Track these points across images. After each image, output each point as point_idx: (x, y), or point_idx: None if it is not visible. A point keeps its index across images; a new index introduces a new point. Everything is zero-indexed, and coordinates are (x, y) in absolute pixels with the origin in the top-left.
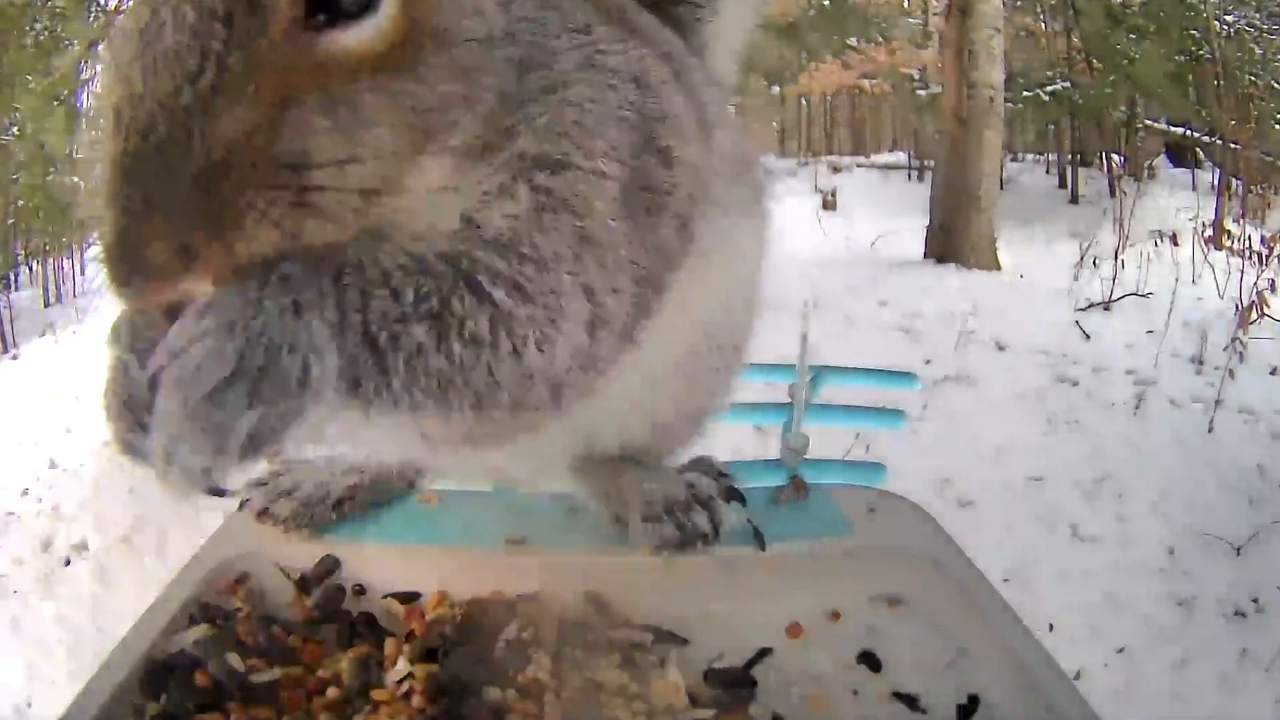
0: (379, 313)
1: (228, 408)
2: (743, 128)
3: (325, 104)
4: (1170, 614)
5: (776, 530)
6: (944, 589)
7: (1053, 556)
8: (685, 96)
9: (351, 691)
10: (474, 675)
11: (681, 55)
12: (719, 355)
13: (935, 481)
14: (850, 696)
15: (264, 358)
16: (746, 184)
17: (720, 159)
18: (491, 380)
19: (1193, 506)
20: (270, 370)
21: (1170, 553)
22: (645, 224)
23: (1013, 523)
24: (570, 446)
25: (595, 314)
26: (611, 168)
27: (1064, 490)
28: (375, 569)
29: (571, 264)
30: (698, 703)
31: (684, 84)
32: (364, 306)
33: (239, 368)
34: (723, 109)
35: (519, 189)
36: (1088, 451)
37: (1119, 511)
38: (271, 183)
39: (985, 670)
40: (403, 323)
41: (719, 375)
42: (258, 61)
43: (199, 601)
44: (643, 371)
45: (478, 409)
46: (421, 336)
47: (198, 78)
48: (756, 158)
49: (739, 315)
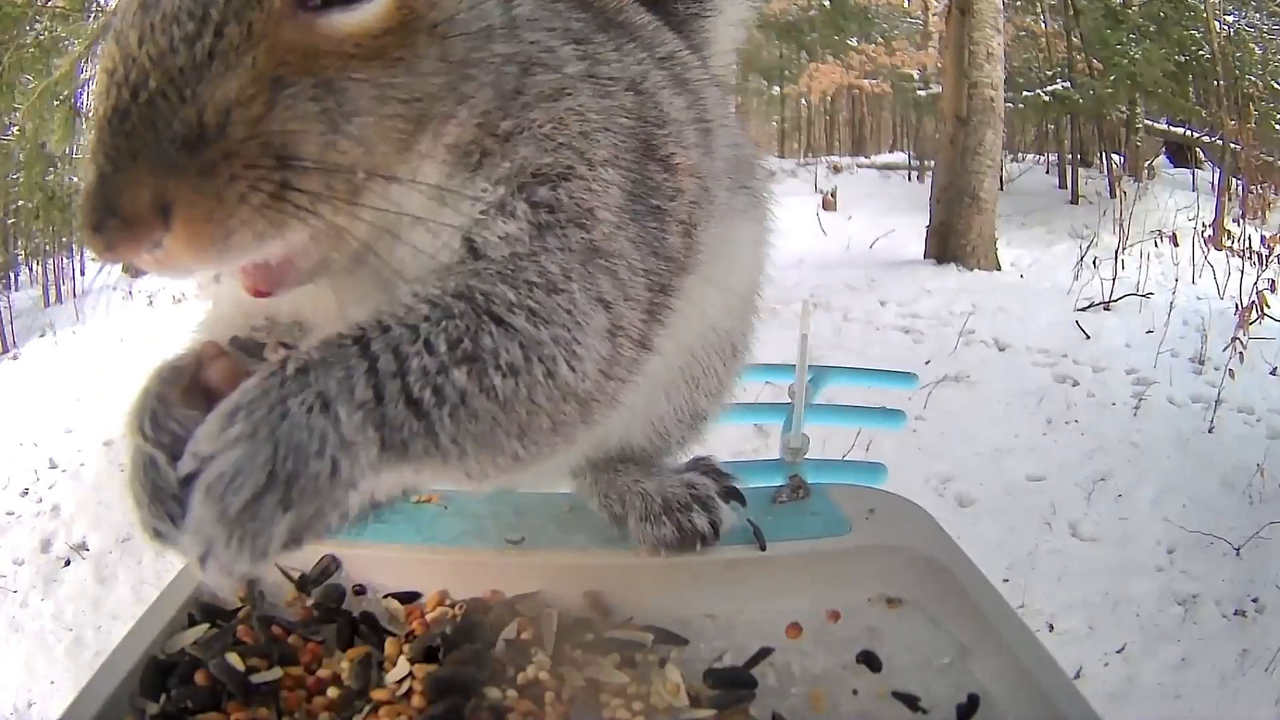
0: (418, 370)
1: (262, 516)
2: (742, 128)
3: (316, 88)
4: (1170, 614)
5: (776, 530)
6: (944, 589)
7: (1053, 556)
8: (685, 101)
9: (351, 691)
10: (474, 675)
11: (682, 56)
12: (719, 358)
13: (935, 481)
14: (850, 696)
15: (293, 464)
16: (746, 186)
17: (721, 162)
18: (532, 406)
19: (1193, 506)
20: (301, 475)
21: (1170, 552)
22: (652, 230)
23: (1013, 523)
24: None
25: (613, 322)
26: (614, 176)
27: (1064, 490)
28: (375, 569)
29: (583, 279)
30: (698, 703)
31: (684, 87)
32: (401, 370)
33: (270, 478)
34: (723, 109)
35: (517, 206)
36: (1088, 451)
37: (1119, 511)
38: (257, 161)
39: (985, 670)
40: (443, 373)
41: (718, 378)
42: (254, 34)
43: (199, 601)
44: (644, 373)
45: (522, 439)
46: (463, 382)
47: (194, 41)
48: (756, 158)
49: (739, 318)
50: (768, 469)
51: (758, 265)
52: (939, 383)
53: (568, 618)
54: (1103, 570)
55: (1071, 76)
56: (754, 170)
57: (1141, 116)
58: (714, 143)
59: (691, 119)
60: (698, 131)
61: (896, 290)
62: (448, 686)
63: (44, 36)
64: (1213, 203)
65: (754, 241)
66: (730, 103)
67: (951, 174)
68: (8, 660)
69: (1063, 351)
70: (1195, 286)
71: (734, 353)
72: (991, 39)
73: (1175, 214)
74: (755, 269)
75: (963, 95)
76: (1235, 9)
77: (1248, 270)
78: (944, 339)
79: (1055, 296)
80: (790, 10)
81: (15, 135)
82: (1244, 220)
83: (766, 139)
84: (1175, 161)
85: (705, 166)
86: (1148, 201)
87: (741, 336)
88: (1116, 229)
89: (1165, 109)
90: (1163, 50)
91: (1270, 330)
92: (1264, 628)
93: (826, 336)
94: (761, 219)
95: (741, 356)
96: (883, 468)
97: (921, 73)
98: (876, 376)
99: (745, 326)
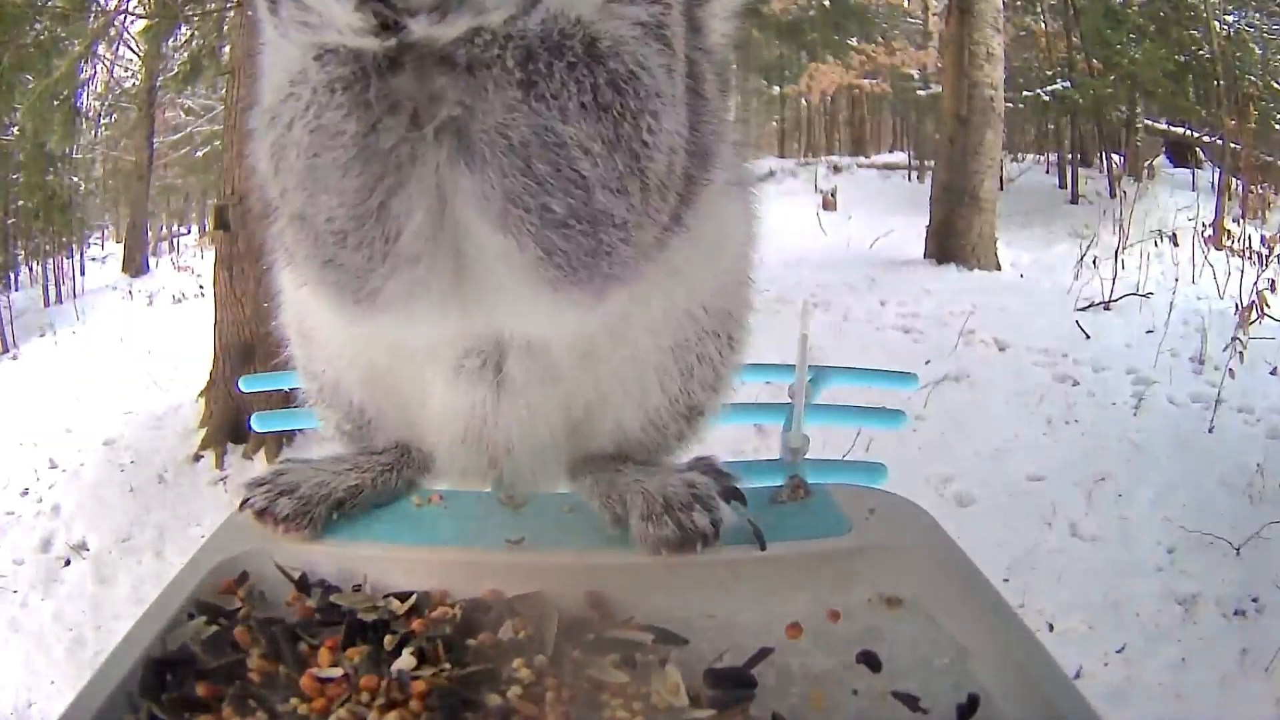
0: None
1: None
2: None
3: None
4: (1170, 614)
5: (776, 530)
6: (944, 589)
7: (1053, 556)
8: None
9: (351, 692)
10: (474, 675)
11: None
12: (713, 345)
13: (935, 481)
14: (850, 696)
15: None
16: (730, 162)
17: None
18: (641, 142)
19: (1193, 506)
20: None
21: (1170, 552)
22: (693, 105)
23: (1013, 523)
24: (568, 446)
25: (678, 128)
26: (679, 45)
27: (1064, 490)
28: (375, 569)
29: (665, 79)
30: (698, 703)
31: None
32: None
33: None
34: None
35: None
36: (1088, 451)
37: (1119, 511)
38: None
39: (985, 670)
40: None
41: (714, 369)
42: None
43: (199, 601)
44: (632, 348)
45: (631, 168)
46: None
47: None
48: (742, 143)
49: (731, 302)
50: (768, 469)
51: (747, 241)
52: (939, 383)
53: (568, 618)
54: (1103, 570)
55: (1071, 76)
56: (741, 153)
57: (1141, 116)
58: None
59: None
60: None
61: (896, 290)
62: (447, 687)
63: (44, 36)
64: (1213, 203)
65: (740, 220)
66: (721, 73)
67: (951, 174)
68: (8, 660)
69: (1063, 351)
70: (1195, 286)
71: (729, 343)
72: (991, 39)
73: (1175, 214)
74: (743, 249)
75: (963, 95)
76: (1235, 9)
77: (1248, 270)
78: (944, 339)
79: (1055, 296)
80: (790, 10)
81: (15, 135)
82: (1244, 220)
83: (766, 139)
84: (1175, 161)
85: (719, 104)
86: (1148, 201)
87: (737, 326)
88: (1116, 229)
89: (1165, 109)
90: (1163, 50)
91: (1270, 330)
92: (1264, 628)
93: (826, 336)
94: (745, 200)
95: (738, 349)
96: (883, 468)
97: (921, 73)
98: (876, 376)
99: (739, 316)
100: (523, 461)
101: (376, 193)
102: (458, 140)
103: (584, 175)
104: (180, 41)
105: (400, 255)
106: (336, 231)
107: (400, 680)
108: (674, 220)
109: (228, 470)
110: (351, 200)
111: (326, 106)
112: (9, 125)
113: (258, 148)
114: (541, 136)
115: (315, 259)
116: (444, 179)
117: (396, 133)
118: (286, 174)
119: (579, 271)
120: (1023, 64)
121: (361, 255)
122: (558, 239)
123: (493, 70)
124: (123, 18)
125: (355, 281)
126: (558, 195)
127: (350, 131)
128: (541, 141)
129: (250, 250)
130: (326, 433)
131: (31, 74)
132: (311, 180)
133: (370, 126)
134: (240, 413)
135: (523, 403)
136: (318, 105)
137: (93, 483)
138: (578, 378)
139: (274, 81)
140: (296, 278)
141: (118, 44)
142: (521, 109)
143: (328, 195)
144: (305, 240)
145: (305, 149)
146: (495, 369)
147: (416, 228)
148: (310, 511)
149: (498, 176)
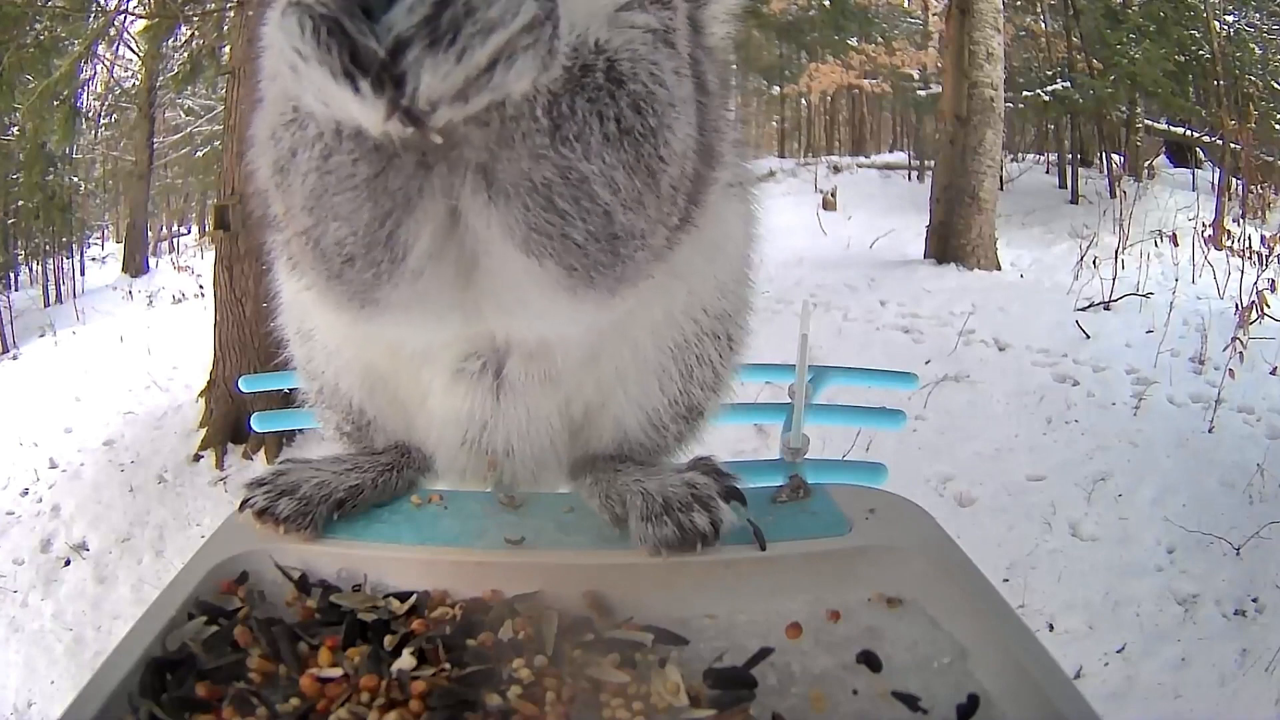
0: None
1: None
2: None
3: None
4: (1170, 614)
5: (776, 530)
6: (944, 589)
7: (1053, 556)
8: None
9: (351, 692)
10: (474, 675)
11: None
12: (712, 346)
13: (935, 481)
14: (850, 696)
15: None
16: (731, 162)
17: None
18: (658, 158)
19: (1193, 506)
20: None
21: (1170, 552)
22: (698, 102)
23: (1013, 523)
24: (568, 448)
25: (689, 132)
26: (683, 45)
27: (1064, 490)
28: (375, 569)
29: (675, 84)
30: (698, 703)
31: None
32: None
33: None
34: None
35: None
36: (1088, 451)
37: (1119, 511)
38: None
39: (985, 670)
40: None
41: (714, 370)
42: None
43: (199, 601)
44: (633, 350)
45: (649, 184)
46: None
47: None
48: (743, 143)
49: (731, 303)
50: (768, 469)
51: (747, 242)
52: (939, 383)
53: (568, 618)
54: (1103, 570)
55: (1071, 76)
56: (743, 153)
57: (1141, 116)
58: None
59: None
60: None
61: (896, 290)
62: (447, 687)
63: (44, 36)
64: (1213, 203)
65: (742, 219)
66: (723, 71)
67: (951, 174)
68: (8, 660)
69: (1063, 351)
70: (1195, 286)
71: (729, 344)
72: (991, 39)
73: (1175, 214)
74: (745, 246)
75: (963, 95)
76: (1235, 9)
77: (1248, 270)
78: (944, 339)
79: (1055, 296)
80: (790, 10)
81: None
82: (1244, 220)
83: (766, 139)
84: (1175, 161)
85: (723, 109)
86: (1148, 201)
87: (736, 327)
88: (1116, 229)
89: (1165, 109)
90: (1163, 50)
91: (1270, 330)
92: (1264, 628)
93: (826, 336)
94: (747, 200)
95: (737, 350)
96: (883, 468)
97: (921, 73)
98: (876, 376)
99: (739, 317)
100: (523, 463)
101: (386, 225)
102: (481, 177)
103: (605, 203)
104: (180, 41)
105: (406, 271)
106: (345, 255)
107: (400, 680)
108: (683, 220)
109: (228, 470)
110: (361, 231)
111: (335, 149)
112: (9, 125)
113: (258, 158)
114: (565, 175)
115: (321, 273)
116: (464, 206)
117: (406, 172)
118: (290, 195)
119: (597, 280)
120: (1023, 64)
121: (369, 274)
122: (578, 258)
123: (521, 123)
124: (123, 18)
125: (361, 294)
126: (579, 224)
127: (361, 175)
128: (565, 179)
129: (250, 250)
130: (327, 434)
131: (31, 74)
132: (318, 208)
133: (380, 169)
134: (240, 413)
135: (523, 405)
136: (324, 145)
137: (93, 483)
138: (578, 380)
139: (275, 94)
140: (300, 282)
141: (118, 44)
142: (548, 153)
143: (336, 224)
144: (311, 255)
145: (312, 183)
146: (495, 372)
147: (424, 248)
148: (310, 512)
149: (521, 212)
